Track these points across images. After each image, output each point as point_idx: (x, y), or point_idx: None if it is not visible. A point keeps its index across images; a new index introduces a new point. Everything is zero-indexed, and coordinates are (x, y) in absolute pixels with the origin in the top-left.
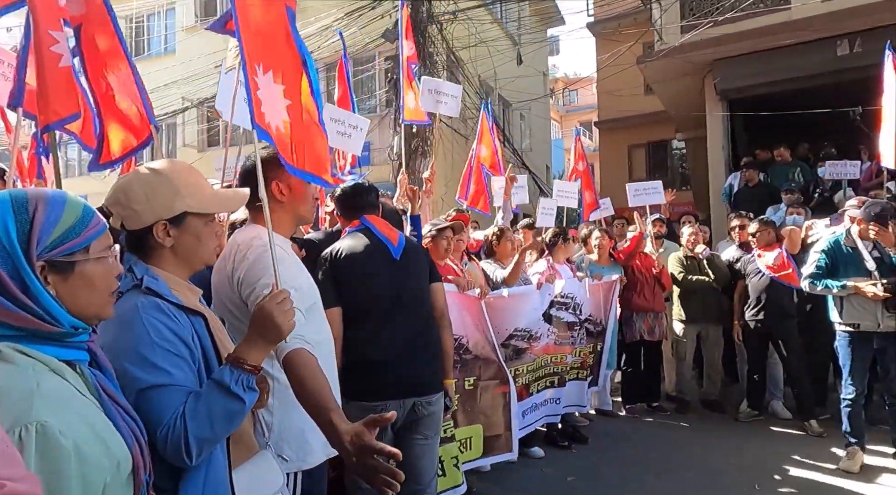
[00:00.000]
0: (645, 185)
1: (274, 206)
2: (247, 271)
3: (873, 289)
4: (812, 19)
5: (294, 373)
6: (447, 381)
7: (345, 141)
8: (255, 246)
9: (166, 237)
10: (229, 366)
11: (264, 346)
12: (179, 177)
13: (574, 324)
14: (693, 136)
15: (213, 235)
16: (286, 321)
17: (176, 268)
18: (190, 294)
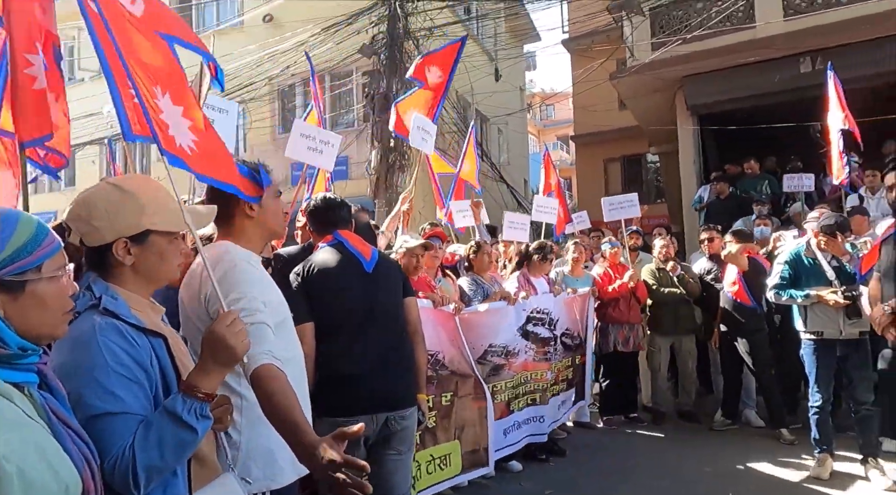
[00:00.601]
0: (620, 199)
1: (243, 222)
2: (213, 288)
3: (834, 298)
4: (775, 38)
5: (262, 389)
6: (420, 396)
7: (315, 156)
8: (224, 260)
9: (127, 255)
10: (181, 394)
11: (219, 371)
12: (144, 193)
13: (549, 339)
14: (666, 150)
15: (177, 253)
16: (239, 342)
17: (137, 286)
18: (151, 313)
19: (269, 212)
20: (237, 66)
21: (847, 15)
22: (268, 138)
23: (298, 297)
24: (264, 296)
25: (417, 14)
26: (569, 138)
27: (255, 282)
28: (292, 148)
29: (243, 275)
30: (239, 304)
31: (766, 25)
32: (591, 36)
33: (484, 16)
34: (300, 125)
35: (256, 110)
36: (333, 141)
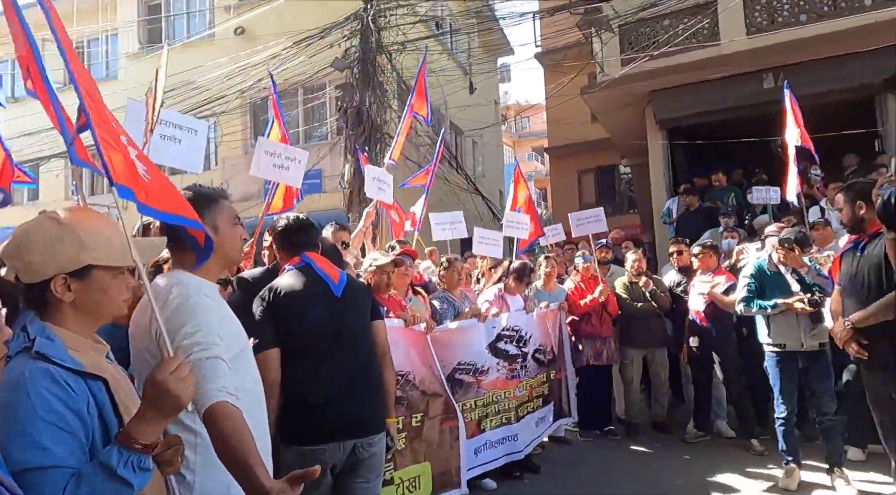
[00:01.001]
0: (587, 214)
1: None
2: (167, 321)
3: (801, 305)
4: (739, 54)
5: (215, 428)
6: (389, 420)
7: (282, 173)
8: (176, 293)
9: (66, 292)
10: (117, 446)
11: (160, 421)
12: (85, 226)
13: (517, 357)
14: (638, 162)
15: (123, 288)
16: (184, 390)
17: (78, 324)
18: (93, 353)
19: (226, 240)
20: (208, 79)
21: (806, 33)
22: (240, 151)
23: (264, 322)
24: (220, 327)
25: (390, 28)
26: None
27: (210, 314)
28: (256, 166)
29: (197, 307)
30: (193, 338)
31: (731, 43)
32: (563, 50)
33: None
34: (264, 143)
35: (228, 123)
36: (300, 157)
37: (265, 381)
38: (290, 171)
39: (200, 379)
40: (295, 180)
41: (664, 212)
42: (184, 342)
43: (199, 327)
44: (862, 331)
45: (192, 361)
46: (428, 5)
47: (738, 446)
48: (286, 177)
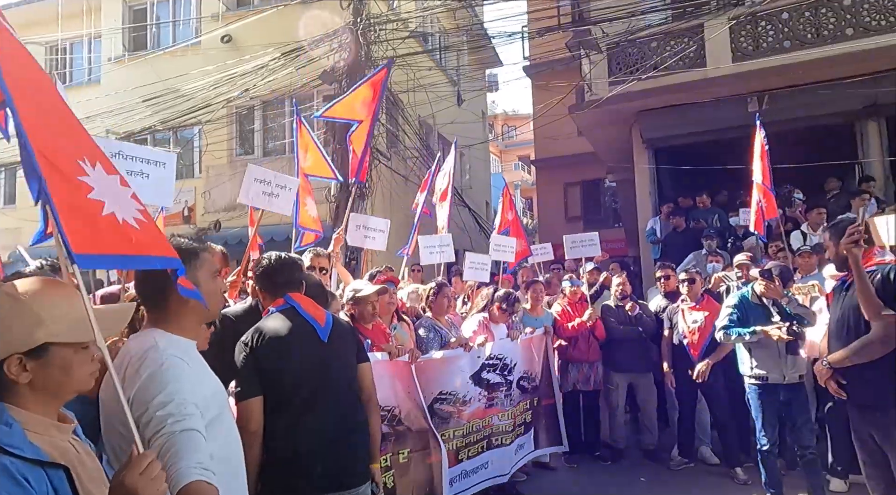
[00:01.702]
0: (582, 238)
1: (179, 308)
2: (139, 389)
3: (778, 333)
4: (725, 78)
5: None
6: (374, 467)
7: (271, 201)
8: (150, 358)
9: (22, 372)
10: None
11: None
12: (43, 300)
13: (500, 385)
14: (623, 178)
15: (87, 362)
16: (155, 491)
17: (39, 404)
18: (56, 432)
19: (209, 296)
20: (194, 87)
21: (790, 60)
22: (224, 161)
23: (247, 369)
24: (196, 393)
25: (380, 43)
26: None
27: (186, 380)
28: (245, 193)
29: (171, 373)
30: (166, 409)
31: (716, 68)
32: (552, 65)
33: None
34: (255, 170)
35: (213, 133)
36: (290, 185)
37: (246, 431)
38: (279, 199)
39: (174, 454)
40: (284, 208)
41: (649, 232)
42: (156, 413)
43: (171, 397)
44: (841, 371)
45: (166, 434)
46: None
47: (721, 474)
48: (275, 204)
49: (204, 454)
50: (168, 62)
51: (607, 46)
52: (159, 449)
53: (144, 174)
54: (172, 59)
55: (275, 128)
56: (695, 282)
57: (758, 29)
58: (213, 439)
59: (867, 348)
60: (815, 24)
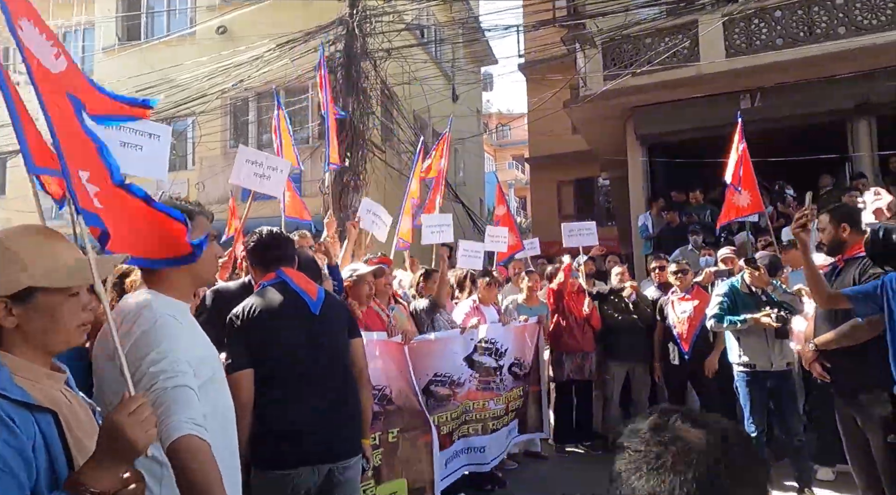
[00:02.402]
0: (579, 226)
1: (171, 271)
2: (132, 346)
3: (768, 320)
4: (718, 75)
5: (179, 463)
6: (365, 442)
7: (262, 182)
8: (143, 316)
9: (7, 316)
10: (65, 490)
11: (114, 466)
12: (25, 245)
13: (494, 369)
14: (617, 175)
15: (76, 312)
16: (142, 434)
17: (29, 351)
18: (48, 381)
19: (201, 260)
20: (188, 78)
21: (783, 57)
22: (218, 152)
23: (237, 342)
24: (190, 352)
25: (375, 35)
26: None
27: (180, 339)
28: (237, 174)
29: (164, 331)
30: (158, 366)
31: (710, 63)
32: (547, 61)
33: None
34: (245, 151)
35: (207, 124)
36: (282, 167)
37: (237, 403)
38: (270, 181)
39: (166, 409)
40: (275, 190)
41: (641, 228)
42: (149, 370)
43: (164, 354)
44: (826, 356)
45: (158, 390)
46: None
47: None
48: (266, 186)
49: (196, 411)
50: (162, 52)
51: (602, 41)
52: (151, 403)
53: (138, 146)
54: (166, 49)
55: (269, 120)
56: (686, 273)
57: (751, 26)
58: (205, 401)
59: (855, 331)
60: (808, 22)
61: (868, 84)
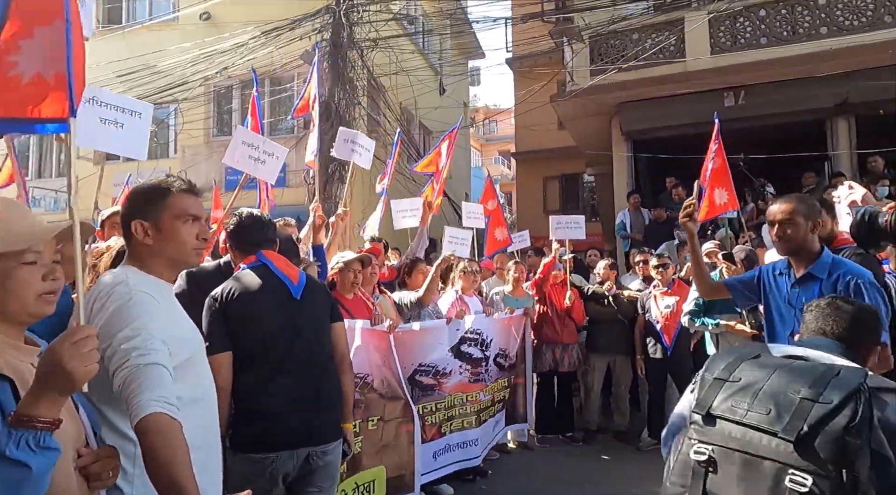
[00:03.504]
0: (567, 219)
1: (140, 249)
2: (105, 323)
3: (742, 328)
4: (703, 72)
5: (145, 441)
6: (346, 426)
7: (257, 167)
8: (117, 292)
9: None
10: (8, 426)
11: (53, 397)
12: None
13: (481, 360)
14: (602, 172)
15: (32, 280)
16: (79, 367)
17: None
18: (14, 353)
19: (170, 240)
20: (170, 64)
21: (766, 56)
22: (201, 140)
23: (215, 325)
24: (166, 331)
25: (363, 24)
26: (510, 154)
27: (154, 317)
28: (231, 155)
29: (139, 308)
30: (131, 343)
31: (695, 60)
32: (534, 57)
33: (430, 31)
34: (243, 132)
35: (189, 111)
36: (279, 153)
37: (216, 386)
38: (266, 165)
39: (137, 387)
40: (270, 175)
41: (619, 226)
42: (121, 347)
43: (138, 331)
44: None
45: (130, 367)
46: (401, 4)
47: None
48: (261, 171)
49: (168, 389)
50: (144, 37)
51: (589, 36)
52: (122, 381)
53: (119, 123)
54: (148, 34)
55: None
56: (667, 267)
57: (736, 24)
58: (182, 382)
59: None
60: (791, 22)
61: (848, 84)
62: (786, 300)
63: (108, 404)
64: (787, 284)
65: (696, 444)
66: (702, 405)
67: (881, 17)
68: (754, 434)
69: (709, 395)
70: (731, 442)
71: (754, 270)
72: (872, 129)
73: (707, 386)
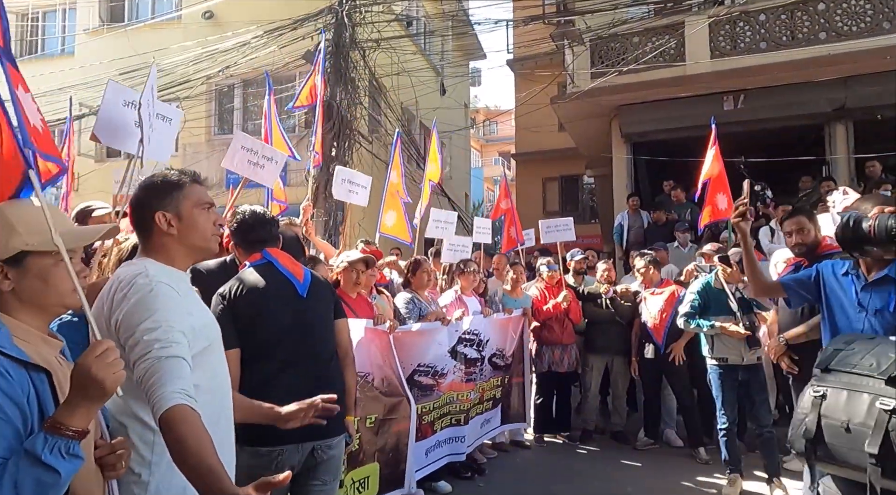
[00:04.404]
0: (556, 223)
1: (163, 239)
2: (126, 313)
3: (737, 329)
4: (702, 75)
5: (171, 433)
6: (348, 418)
7: (256, 171)
8: (138, 284)
9: (4, 280)
10: (44, 432)
11: (88, 406)
12: (15, 212)
13: (476, 360)
14: (601, 173)
15: (65, 277)
16: (108, 375)
17: (26, 314)
18: (43, 345)
19: (192, 228)
20: (173, 63)
21: (765, 60)
22: (202, 139)
23: (223, 322)
24: (185, 322)
25: (365, 25)
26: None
27: (175, 308)
28: (230, 159)
29: (159, 300)
30: (153, 334)
31: (695, 64)
32: (535, 58)
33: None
34: (241, 137)
35: (191, 110)
36: (278, 158)
37: None
38: (264, 170)
39: (158, 379)
40: (268, 180)
41: (616, 229)
42: (143, 337)
43: (159, 323)
44: (795, 349)
45: (152, 359)
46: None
47: (685, 455)
48: (260, 175)
49: (188, 381)
50: (146, 35)
51: (590, 39)
52: (144, 372)
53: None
54: (151, 33)
55: (255, 108)
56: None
57: (736, 29)
58: (199, 370)
59: None
60: (791, 27)
61: (846, 89)
62: (855, 302)
63: (129, 392)
64: (856, 286)
65: (814, 386)
66: (821, 364)
67: (880, 23)
68: (860, 378)
69: (826, 359)
70: (840, 384)
71: (811, 269)
72: (870, 134)
73: (827, 353)
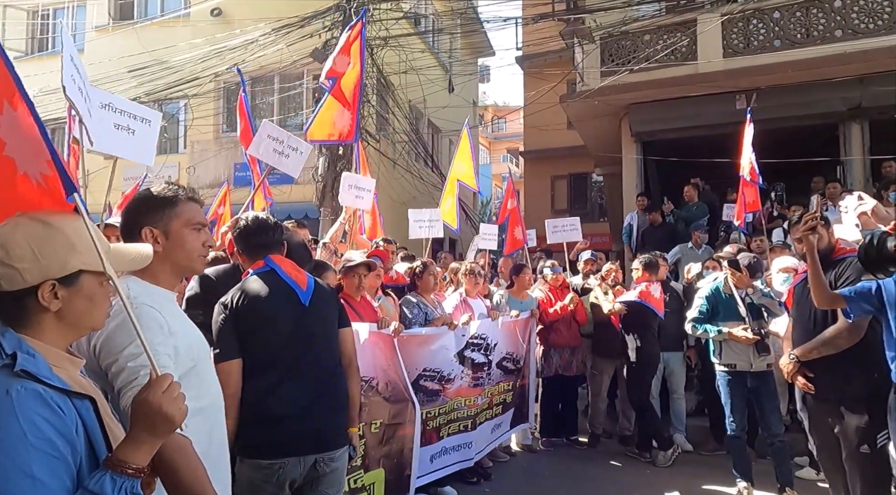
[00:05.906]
0: (563, 222)
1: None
2: (106, 337)
3: (744, 334)
4: (715, 74)
5: (168, 461)
6: (352, 430)
7: (280, 160)
8: (119, 305)
9: (53, 300)
10: (110, 472)
11: (153, 443)
12: (71, 228)
13: (484, 364)
14: (610, 172)
15: (107, 297)
16: (177, 409)
17: (57, 336)
18: (72, 367)
19: (178, 248)
20: (181, 60)
21: (779, 59)
22: (210, 136)
23: (225, 332)
24: (168, 344)
25: (373, 23)
26: (518, 151)
27: (157, 331)
28: (257, 146)
29: (142, 322)
30: (138, 360)
31: (707, 62)
32: (545, 55)
33: (440, 30)
34: (269, 126)
35: (199, 107)
36: (303, 148)
37: (225, 393)
38: (289, 160)
39: None
40: (293, 169)
41: (625, 230)
42: (128, 364)
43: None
44: (808, 365)
45: (139, 386)
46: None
47: (695, 460)
48: (284, 164)
49: None
50: (155, 33)
51: (600, 37)
52: (131, 400)
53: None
54: (160, 30)
55: (262, 106)
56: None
57: (749, 26)
58: (186, 391)
59: (835, 339)
60: (806, 25)
61: (862, 88)
62: None
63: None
64: None
65: None
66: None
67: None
68: None
69: None
70: None
71: (872, 282)
72: (886, 134)
73: None
